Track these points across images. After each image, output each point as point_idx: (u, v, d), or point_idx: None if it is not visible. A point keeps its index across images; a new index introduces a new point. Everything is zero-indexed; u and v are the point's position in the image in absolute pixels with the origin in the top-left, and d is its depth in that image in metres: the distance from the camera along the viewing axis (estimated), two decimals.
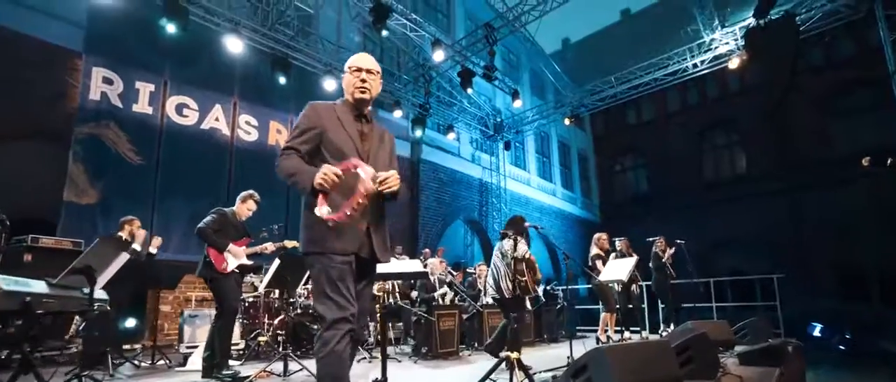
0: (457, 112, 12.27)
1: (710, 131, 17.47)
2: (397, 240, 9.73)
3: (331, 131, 1.86)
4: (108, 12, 6.70)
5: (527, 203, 14.81)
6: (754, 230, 14.39)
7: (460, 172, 12.69)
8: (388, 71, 10.85)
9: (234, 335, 4.83)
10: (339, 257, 1.77)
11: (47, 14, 6.53)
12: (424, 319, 4.96)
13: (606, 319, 6.08)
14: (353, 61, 2.01)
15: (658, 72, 10.61)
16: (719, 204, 15.56)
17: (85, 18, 6.69)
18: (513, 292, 3.91)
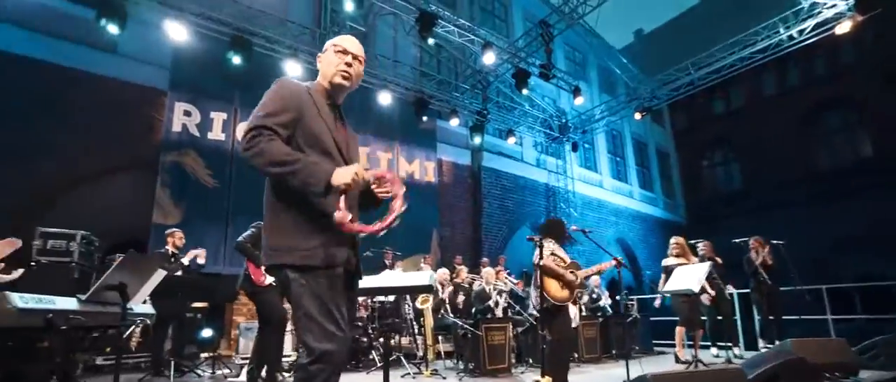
0: (518, 116, 11.88)
1: (820, 114, 15.15)
2: (458, 251, 9.55)
3: (307, 117, 1.55)
4: (187, 53, 7.42)
5: (600, 206, 13.87)
6: (891, 226, 11.92)
7: (524, 177, 12.22)
8: (444, 81, 10.84)
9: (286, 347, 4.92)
10: (329, 271, 1.47)
11: (139, 61, 7.38)
12: (470, 333, 4.68)
13: (681, 333, 5.33)
14: (339, 41, 1.73)
15: (744, 50, 9.34)
16: (838, 197, 13.27)
17: (169, 61, 7.47)
18: (540, 304, 3.53)
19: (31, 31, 6.50)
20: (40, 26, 6.61)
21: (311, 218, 1.50)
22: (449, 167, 10.95)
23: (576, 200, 12.73)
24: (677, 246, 5.23)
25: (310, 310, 1.41)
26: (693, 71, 10.12)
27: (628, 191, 15.42)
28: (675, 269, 4.27)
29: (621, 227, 14.30)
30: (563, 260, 3.78)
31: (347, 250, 1.55)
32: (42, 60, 6.50)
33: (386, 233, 1.55)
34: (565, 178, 12.77)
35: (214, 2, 7.78)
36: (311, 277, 1.44)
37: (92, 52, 6.93)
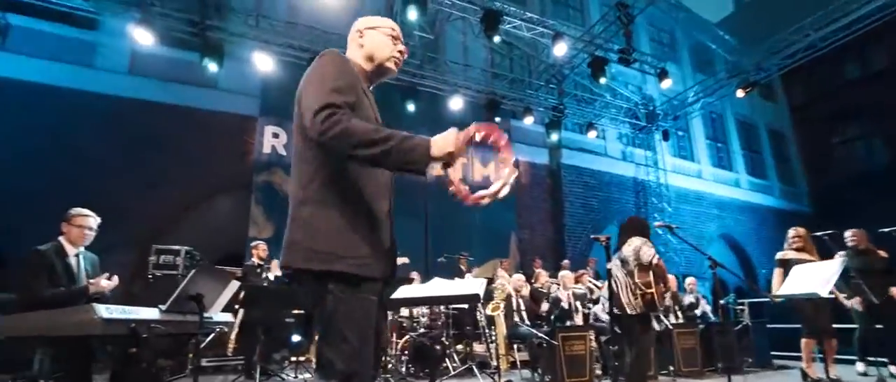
0: (598, 108, 11.15)
1: None
2: (539, 253, 9.16)
3: (361, 103, 1.38)
4: (275, 80, 8.11)
5: (698, 199, 12.45)
6: None
7: (609, 173, 11.41)
8: (517, 79, 10.56)
9: None
10: (374, 285, 1.30)
11: (234, 92, 8.22)
12: (546, 343, 4.37)
13: (808, 345, 4.44)
14: (393, 25, 1.56)
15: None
16: None
17: (259, 89, 8.20)
18: (636, 308, 3.15)
19: (149, 77, 7.55)
20: (156, 72, 7.64)
21: (366, 219, 1.33)
22: (526, 167, 10.59)
23: (669, 194, 11.56)
24: (798, 239, 4.38)
25: (346, 330, 1.22)
26: (812, 32, 8.60)
27: (733, 180, 13.66)
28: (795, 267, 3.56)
29: (726, 221, 12.69)
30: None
31: (389, 259, 1.40)
32: (158, 102, 7.50)
33: (461, 237, 1.42)
34: (656, 170, 11.66)
35: (295, 31, 8.40)
36: (357, 292, 1.26)
37: (197, 89, 7.84)
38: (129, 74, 7.52)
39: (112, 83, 7.31)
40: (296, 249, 1.27)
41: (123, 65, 7.54)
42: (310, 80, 1.34)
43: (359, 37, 1.56)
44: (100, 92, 7.15)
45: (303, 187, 1.31)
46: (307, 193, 1.30)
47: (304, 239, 1.26)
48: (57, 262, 2.78)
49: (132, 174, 6.96)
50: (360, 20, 1.60)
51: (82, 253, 3.00)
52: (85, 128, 6.86)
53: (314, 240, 1.25)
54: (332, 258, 1.24)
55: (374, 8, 10.19)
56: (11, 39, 7.05)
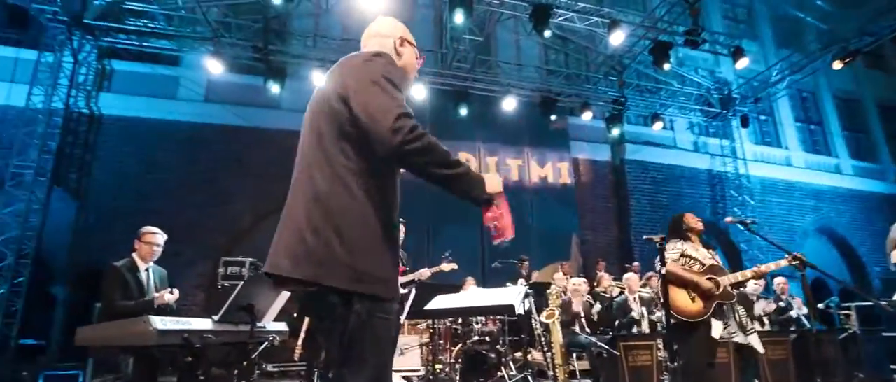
0: (664, 97, 10.37)
1: None
2: (603, 256, 8.67)
3: None
4: None
5: (788, 189, 11.06)
6: None
7: (679, 166, 10.53)
8: (573, 74, 10.15)
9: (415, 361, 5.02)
10: (393, 305, 1.27)
11: (297, 110, 8.60)
12: (607, 353, 4.07)
13: None
14: (409, 34, 1.53)
15: None
16: None
17: None
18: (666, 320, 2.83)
19: (222, 103, 8.23)
20: (227, 98, 8.31)
21: (394, 237, 1.29)
22: (586, 165, 10.11)
23: (751, 185, 10.40)
24: None
25: (371, 353, 1.17)
26: None
27: (833, 166, 11.99)
28: None
29: (825, 212, 11.15)
30: (698, 263, 3.02)
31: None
32: (229, 125, 8.15)
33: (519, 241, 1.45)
34: (735, 161, 10.56)
35: (349, 47, 8.74)
36: (384, 313, 1.21)
37: (262, 110, 8.41)
38: (205, 102, 8.26)
39: (191, 111, 8.08)
40: (333, 265, 1.16)
41: (200, 93, 8.29)
42: (372, 81, 1.23)
43: (398, 44, 1.48)
44: (181, 120, 7.93)
45: (337, 195, 1.21)
46: (347, 204, 1.20)
47: (344, 255, 1.17)
48: (129, 277, 3.06)
49: (208, 193, 7.63)
50: (399, 26, 1.53)
51: (152, 267, 3.29)
52: (168, 153, 7.66)
53: (354, 258, 1.17)
54: (372, 279, 1.18)
55: (425, 18, 10.36)
56: (114, 82, 8.06)
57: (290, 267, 1.20)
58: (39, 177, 6.71)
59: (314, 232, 1.19)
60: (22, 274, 6.27)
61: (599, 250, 9.09)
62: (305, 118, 1.39)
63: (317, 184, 1.23)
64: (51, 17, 7.16)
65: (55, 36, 7.35)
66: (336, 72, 1.35)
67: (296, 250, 1.20)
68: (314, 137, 1.30)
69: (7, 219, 6.37)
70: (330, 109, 1.28)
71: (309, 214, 1.21)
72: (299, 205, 1.25)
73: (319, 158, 1.26)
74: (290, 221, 1.27)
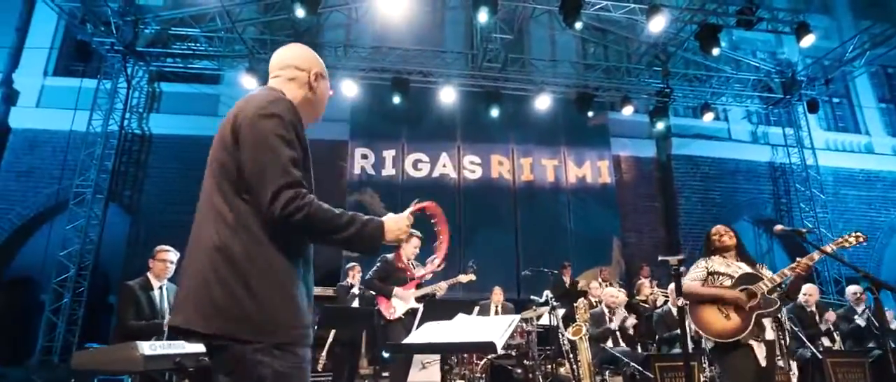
0: (716, 85, 9.54)
1: None
2: (649, 259, 8.08)
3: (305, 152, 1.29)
4: (362, 104, 8.62)
5: (867, 181, 9.76)
6: None
7: (733, 160, 9.62)
8: (613, 67, 9.59)
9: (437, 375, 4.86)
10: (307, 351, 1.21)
11: (328, 120, 8.79)
12: (639, 374, 3.70)
13: None
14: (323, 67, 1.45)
15: None
16: None
17: (348, 114, 8.74)
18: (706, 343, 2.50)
19: None
20: None
21: (306, 279, 1.25)
22: (629, 163, 9.51)
23: (822, 177, 9.27)
24: None
25: None
26: None
27: None
28: None
29: None
30: (727, 277, 2.66)
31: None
32: None
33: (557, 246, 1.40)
34: (801, 151, 9.47)
35: (379, 55, 8.78)
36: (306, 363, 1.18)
37: None
38: None
39: None
40: (242, 319, 1.09)
41: None
42: (259, 135, 1.15)
43: (313, 79, 1.40)
44: None
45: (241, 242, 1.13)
46: (250, 250, 1.13)
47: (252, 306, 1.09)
48: (141, 296, 3.16)
49: None
50: (315, 58, 1.44)
51: (166, 285, 3.38)
52: None
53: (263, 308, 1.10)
54: (284, 328, 1.12)
55: (454, 19, 10.20)
56: (162, 102, 8.61)
57: (199, 320, 1.12)
58: (97, 195, 7.29)
59: (220, 283, 1.11)
60: (82, 285, 6.83)
61: (644, 253, 8.49)
62: (208, 160, 1.29)
63: (219, 231, 1.15)
64: (108, 48, 7.77)
65: (113, 64, 7.96)
66: (232, 118, 1.24)
67: (202, 303, 1.12)
68: (213, 182, 1.23)
69: (70, 235, 6.97)
70: (225, 156, 1.20)
71: (214, 265, 1.13)
72: (202, 255, 1.16)
73: (219, 204, 1.18)
74: (192, 272, 1.17)
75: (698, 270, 2.75)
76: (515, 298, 6.97)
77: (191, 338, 1.18)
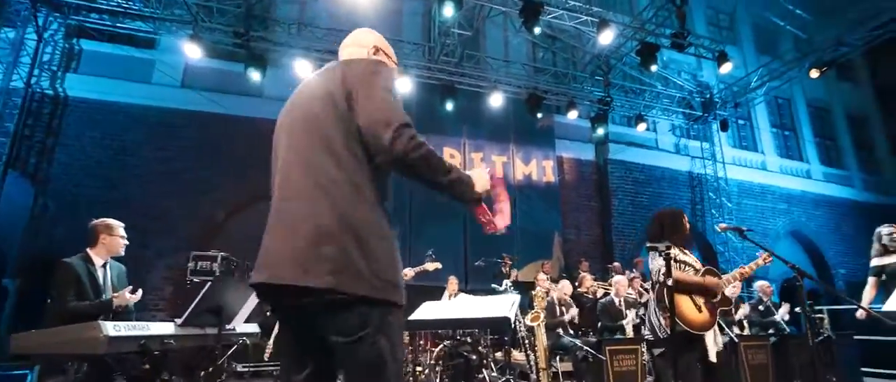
0: (648, 98, 10.34)
1: None
2: (586, 255, 8.60)
3: None
4: None
5: (763, 192, 11.20)
6: None
7: (660, 168, 10.54)
8: (560, 72, 10.01)
9: None
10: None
11: (279, 99, 8.15)
12: (592, 356, 3.93)
13: None
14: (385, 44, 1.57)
15: None
16: None
17: None
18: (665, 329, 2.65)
19: (199, 89, 7.79)
20: (205, 84, 7.87)
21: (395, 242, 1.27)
22: (570, 164, 10.02)
23: (730, 188, 10.49)
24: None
25: (401, 359, 1.23)
26: None
27: (804, 171, 12.21)
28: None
29: (796, 216, 11.36)
30: (692, 268, 2.79)
31: None
32: (207, 112, 7.72)
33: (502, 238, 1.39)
34: (714, 163, 10.63)
35: (334, 36, 8.38)
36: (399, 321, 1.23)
37: (242, 98, 8.02)
38: (181, 88, 7.80)
39: (165, 96, 7.61)
40: (353, 273, 1.11)
41: (176, 78, 7.83)
42: (373, 87, 1.21)
43: (374, 53, 1.50)
44: (154, 105, 7.47)
45: (353, 201, 1.16)
46: (361, 209, 1.17)
47: (363, 262, 1.12)
48: (83, 275, 2.75)
49: (181, 182, 7.22)
50: (376, 36, 1.55)
51: (110, 263, 2.98)
52: (139, 139, 7.21)
53: (373, 265, 1.13)
54: (391, 286, 1.16)
55: (413, 10, 10.06)
56: (82, 63, 7.52)
57: (300, 275, 1.10)
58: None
59: (330, 238, 1.12)
60: None
61: (581, 249, 9.02)
62: (295, 117, 1.33)
63: (328, 189, 1.16)
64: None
65: (19, 11, 6.81)
66: (336, 74, 1.28)
67: (307, 257, 1.11)
68: (316, 139, 1.22)
69: None
70: (336, 112, 1.22)
71: (321, 221, 1.13)
72: (304, 211, 1.16)
73: (326, 163, 1.18)
74: (292, 228, 1.17)
75: (661, 259, 2.81)
76: (464, 289, 7.05)
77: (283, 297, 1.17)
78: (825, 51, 8.56)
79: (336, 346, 1.14)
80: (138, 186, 6.95)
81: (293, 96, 1.42)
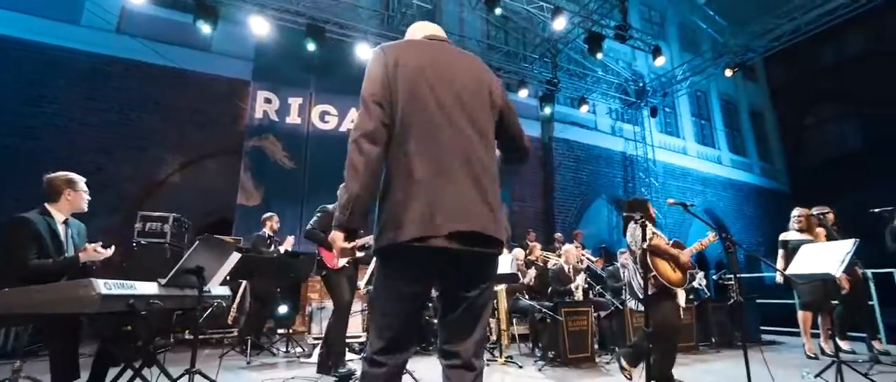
0: (590, 83, 10.87)
1: None
2: (529, 225, 9.06)
3: None
4: (269, 45, 7.62)
5: (684, 174, 12.43)
6: None
7: (599, 147, 11.25)
8: (512, 52, 10.19)
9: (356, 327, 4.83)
10: None
11: (228, 56, 7.69)
12: (550, 318, 4.24)
13: (807, 319, 4.44)
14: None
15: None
16: None
17: (253, 53, 7.69)
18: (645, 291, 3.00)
19: (138, 37, 6.94)
20: (146, 32, 7.03)
21: None
22: None
23: (657, 169, 11.50)
24: (802, 220, 4.31)
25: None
26: (798, 15, 8.44)
27: (716, 157, 13.69)
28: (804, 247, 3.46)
29: (709, 197, 12.77)
30: (664, 240, 3.23)
31: None
32: (147, 62, 6.94)
33: None
34: (644, 146, 11.55)
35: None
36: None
37: (191, 52, 7.31)
38: (117, 33, 6.91)
39: (97, 41, 6.71)
40: (505, 230, 1.37)
41: (111, 22, 6.91)
42: (513, 107, 1.52)
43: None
44: (83, 49, 6.56)
45: (496, 179, 1.38)
46: (497, 186, 1.39)
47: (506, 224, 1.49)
48: (44, 230, 2.46)
49: (118, 136, 6.51)
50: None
51: (70, 220, 2.69)
52: (64, 85, 6.34)
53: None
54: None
55: None
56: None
57: (500, 232, 1.31)
58: None
59: (500, 206, 1.35)
60: None
61: (527, 220, 9.47)
62: (442, 79, 1.36)
63: (490, 171, 1.35)
64: None
65: None
66: (480, 66, 1.48)
67: (498, 218, 1.32)
68: (476, 127, 1.36)
69: None
70: (491, 109, 1.43)
71: (496, 191, 1.35)
72: (491, 180, 1.34)
73: (485, 149, 1.36)
74: (482, 189, 1.30)
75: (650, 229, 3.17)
76: None
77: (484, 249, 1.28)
78: (736, 54, 9.57)
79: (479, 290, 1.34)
80: (63, 138, 6.15)
81: (429, 55, 1.40)
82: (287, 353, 4.55)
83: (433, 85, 1.33)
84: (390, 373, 1.26)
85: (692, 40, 14.07)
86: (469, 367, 1.27)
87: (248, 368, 3.84)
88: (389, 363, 1.25)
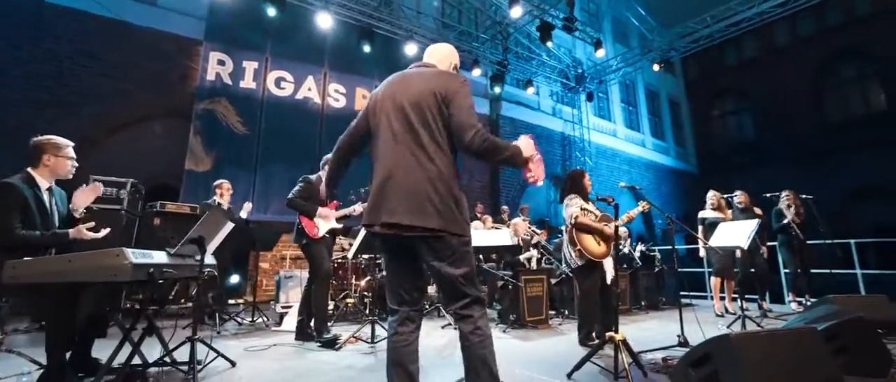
0: (536, 66, 11.37)
1: (834, 64, 14.41)
2: (476, 198, 9.49)
3: None
4: (224, 4, 7.05)
5: (613, 155, 13.59)
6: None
7: (541, 127, 11.90)
8: (465, 31, 10.31)
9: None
10: None
11: (178, 12, 7.01)
12: (512, 284, 4.65)
13: (717, 284, 5.31)
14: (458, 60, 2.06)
15: (764, 4, 8.70)
16: (852, 148, 12.94)
17: (206, 11, 7.08)
18: (577, 260, 3.47)
19: None
20: None
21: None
22: None
23: (591, 149, 12.45)
24: (715, 199, 5.11)
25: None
26: (712, 23, 9.52)
27: (641, 141, 15.07)
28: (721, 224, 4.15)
29: (634, 177, 14.11)
30: (593, 214, 3.61)
31: None
32: (87, 11, 6.16)
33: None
34: (581, 127, 12.41)
35: None
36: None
37: (135, 4, 6.58)
38: None
39: None
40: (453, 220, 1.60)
41: None
42: (463, 100, 1.65)
43: (453, 69, 1.95)
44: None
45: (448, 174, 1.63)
46: (451, 180, 1.63)
47: (459, 213, 1.62)
48: (30, 198, 2.31)
49: (49, 92, 5.79)
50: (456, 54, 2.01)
51: (54, 188, 2.53)
52: None
53: (461, 214, 1.63)
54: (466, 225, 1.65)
55: None
56: None
57: (428, 220, 1.57)
58: None
59: (440, 196, 1.59)
60: None
61: (473, 192, 9.90)
62: (395, 105, 1.71)
63: (437, 165, 1.62)
64: None
65: None
66: (433, 77, 1.72)
67: (424, 209, 1.57)
68: (419, 126, 1.65)
69: None
70: (437, 108, 1.65)
71: (434, 187, 1.59)
72: (421, 176, 1.61)
73: (431, 144, 1.63)
74: (407, 189, 1.60)
75: (575, 207, 3.53)
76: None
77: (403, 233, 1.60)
78: (661, 51, 10.59)
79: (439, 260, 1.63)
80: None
81: (395, 82, 1.78)
82: (252, 323, 4.53)
83: (388, 111, 1.71)
84: (403, 316, 1.68)
85: (623, 33, 15.10)
86: (458, 318, 1.62)
87: (223, 337, 3.83)
88: (401, 309, 1.69)
